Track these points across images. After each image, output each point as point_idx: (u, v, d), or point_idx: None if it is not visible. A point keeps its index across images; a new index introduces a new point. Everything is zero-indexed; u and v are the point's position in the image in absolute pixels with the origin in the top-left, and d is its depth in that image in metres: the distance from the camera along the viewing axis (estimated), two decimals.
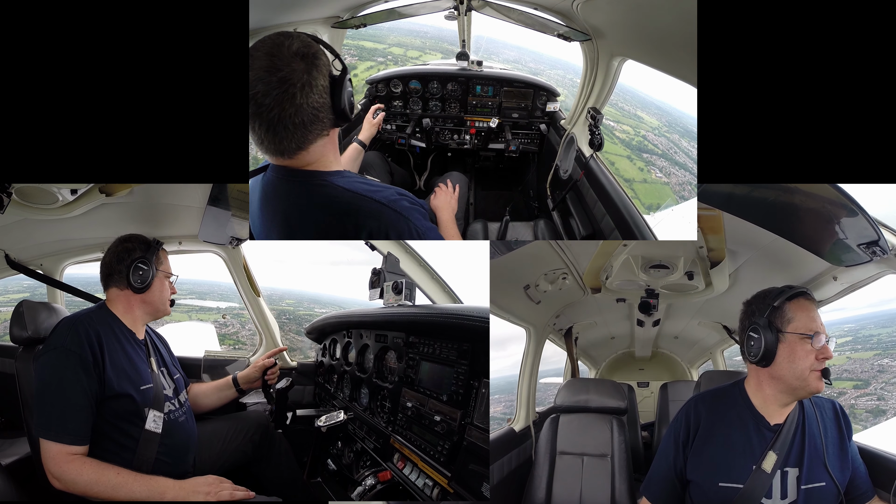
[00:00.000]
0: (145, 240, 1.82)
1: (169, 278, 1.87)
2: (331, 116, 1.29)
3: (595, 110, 2.66)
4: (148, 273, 1.76)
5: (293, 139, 1.24)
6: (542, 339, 3.02)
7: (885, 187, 1.63)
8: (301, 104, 1.22)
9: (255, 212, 1.45)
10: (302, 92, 1.21)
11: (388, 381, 2.04)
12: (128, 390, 1.62)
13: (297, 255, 19.52)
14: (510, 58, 7.22)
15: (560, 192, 2.94)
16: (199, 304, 5.86)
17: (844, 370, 6.26)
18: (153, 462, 1.63)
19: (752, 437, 1.44)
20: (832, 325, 1.45)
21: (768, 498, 1.39)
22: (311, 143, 1.28)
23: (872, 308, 5.97)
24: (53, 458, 1.51)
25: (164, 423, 1.67)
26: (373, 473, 1.79)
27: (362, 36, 7.69)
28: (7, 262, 2.38)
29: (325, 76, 1.26)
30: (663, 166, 5.05)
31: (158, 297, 1.82)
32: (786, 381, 1.41)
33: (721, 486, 1.42)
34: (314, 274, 6.02)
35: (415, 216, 1.33)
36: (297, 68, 1.21)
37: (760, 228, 1.79)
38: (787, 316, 1.42)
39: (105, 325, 1.69)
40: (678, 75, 1.81)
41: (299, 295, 9.24)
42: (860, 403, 5.82)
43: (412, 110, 3.44)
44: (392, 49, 8.35)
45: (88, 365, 1.57)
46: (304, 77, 1.22)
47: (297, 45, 1.23)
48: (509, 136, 3.42)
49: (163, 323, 3.57)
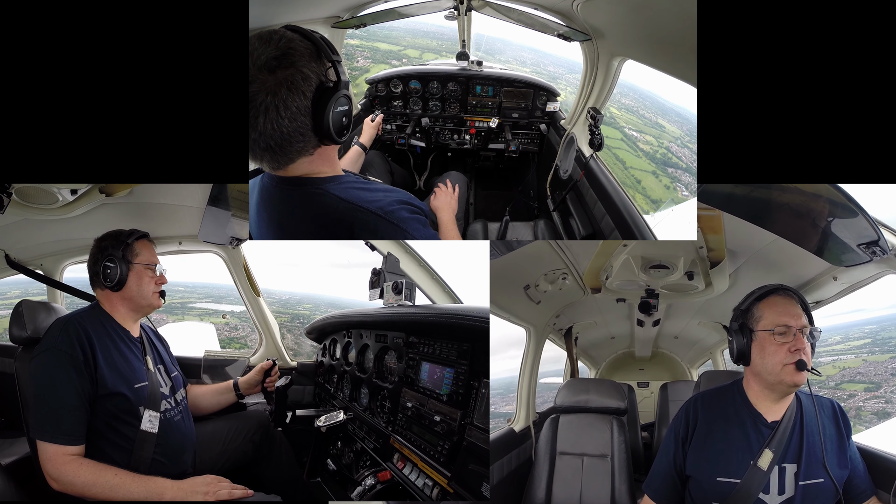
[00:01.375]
0: (118, 234, 1.75)
1: (150, 269, 1.77)
2: (313, 138, 1.16)
3: (595, 110, 2.66)
4: (116, 270, 1.70)
5: (265, 159, 1.16)
6: (542, 339, 3.02)
7: (885, 187, 1.63)
8: (265, 128, 1.09)
9: (254, 214, 1.44)
10: (266, 116, 1.08)
11: (388, 381, 2.04)
12: (121, 388, 1.61)
13: (313, 258, 19.48)
14: (526, 59, 6.89)
15: (560, 192, 2.94)
16: (213, 307, 5.83)
17: (858, 373, 6.25)
18: (150, 462, 1.62)
19: (750, 433, 1.47)
20: (852, 327, 1.47)
21: (766, 493, 1.41)
22: (292, 161, 1.18)
23: (894, 309, 5.91)
24: (50, 460, 1.50)
25: (160, 423, 1.66)
26: (372, 473, 1.79)
27: (377, 37, 7.52)
28: (7, 261, 2.38)
29: (303, 93, 1.10)
30: (689, 182, 4.83)
31: (137, 293, 1.74)
32: (763, 378, 1.46)
33: (719, 480, 1.45)
34: (334, 277, 6.07)
35: (413, 226, 1.26)
36: (260, 88, 1.07)
37: (760, 228, 1.79)
38: (755, 315, 1.48)
39: (97, 324, 1.67)
40: (678, 75, 1.81)
41: (316, 299, 9.21)
42: (868, 406, 5.81)
43: (412, 110, 3.44)
44: (407, 51, 8.11)
45: (80, 364, 1.55)
46: (267, 99, 1.07)
47: (267, 55, 1.08)
48: (509, 136, 3.42)
49: (164, 322, 3.58)
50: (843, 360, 6.55)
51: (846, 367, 6.47)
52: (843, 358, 6.63)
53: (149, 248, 1.80)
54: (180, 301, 8.87)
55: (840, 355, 6.75)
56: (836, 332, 6.88)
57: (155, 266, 1.79)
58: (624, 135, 5.46)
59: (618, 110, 5.60)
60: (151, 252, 1.81)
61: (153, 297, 1.78)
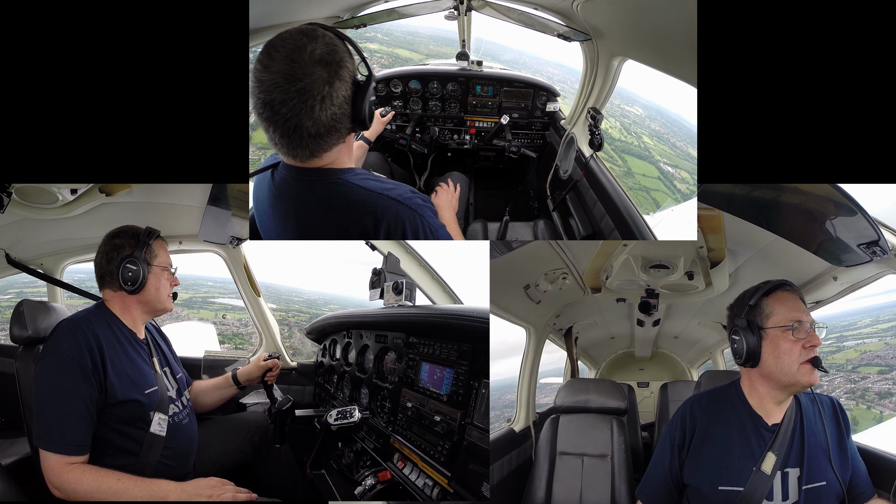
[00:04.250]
0: (136, 232, 1.68)
1: (167, 271, 1.72)
2: (349, 125, 1.25)
3: (595, 110, 2.66)
4: (139, 272, 1.63)
5: (307, 147, 1.22)
6: (542, 339, 3.02)
7: (885, 187, 1.63)
8: (319, 117, 1.18)
9: (265, 210, 1.41)
10: (322, 105, 1.17)
11: (388, 381, 2.04)
12: (133, 396, 1.57)
13: (340, 256, 19.38)
14: (555, 77, 6.13)
15: (560, 192, 2.94)
16: (235, 302, 5.72)
17: (877, 356, 6.15)
18: (156, 465, 1.59)
19: (751, 437, 1.42)
20: (873, 311, 1.43)
21: (769, 500, 1.37)
22: (325, 150, 1.25)
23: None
24: (52, 469, 1.47)
25: (168, 426, 1.63)
26: (373, 473, 1.79)
27: (399, 43, 7.40)
28: (7, 261, 2.38)
29: (347, 84, 1.20)
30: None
31: (155, 296, 1.70)
32: (776, 379, 1.39)
33: (721, 489, 1.39)
34: (360, 276, 6.10)
35: (427, 213, 1.32)
36: (318, 78, 1.16)
37: (760, 228, 1.79)
38: (765, 312, 1.40)
39: (105, 328, 1.62)
40: (678, 75, 1.81)
41: (344, 300, 9.12)
42: (875, 387, 5.76)
43: (412, 110, 3.45)
44: (428, 61, 7.92)
45: (88, 372, 1.51)
46: (324, 89, 1.17)
47: (320, 51, 1.17)
48: (509, 135, 3.42)
49: (166, 321, 3.57)
50: (866, 344, 6.45)
51: (867, 351, 6.39)
52: (867, 341, 6.52)
53: (164, 249, 1.74)
54: (203, 296, 8.85)
55: (865, 339, 6.64)
56: (868, 314, 6.74)
57: (171, 267, 1.74)
58: (660, 171, 5.23)
59: (650, 138, 5.38)
60: (167, 252, 1.75)
61: (168, 299, 1.74)
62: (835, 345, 7.07)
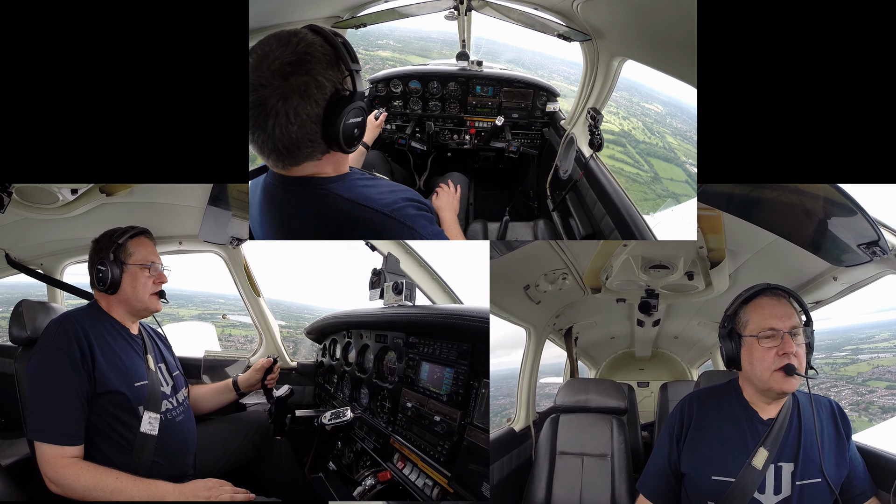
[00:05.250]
0: (111, 234, 1.69)
1: (146, 269, 1.69)
2: (322, 145, 1.14)
3: (595, 110, 2.66)
4: (107, 273, 1.64)
5: (279, 160, 1.15)
6: (542, 339, 3.03)
7: (885, 187, 1.63)
8: (274, 133, 1.08)
9: (256, 214, 1.41)
10: (275, 120, 1.07)
11: (388, 381, 2.04)
12: (119, 387, 1.57)
13: (350, 272, 19.40)
14: (571, 76, 5.72)
15: (560, 192, 2.94)
16: (241, 319, 5.67)
17: (888, 371, 6.16)
18: (149, 465, 1.59)
19: (745, 431, 1.45)
20: (893, 325, 1.43)
21: (762, 492, 1.40)
22: (298, 164, 1.18)
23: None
24: (49, 462, 1.47)
25: (160, 424, 1.63)
26: (373, 473, 1.79)
27: (411, 50, 7.26)
28: (7, 261, 2.38)
29: (315, 101, 1.09)
30: None
31: (133, 295, 1.67)
32: (754, 384, 1.45)
33: (713, 479, 1.43)
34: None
35: (420, 223, 1.25)
36: (272, 93, 1.06)
37: (760, 228, 1.79)
38: (742, 320, 1.46)
39: (96, 321, 1.64)
40: (678, 76, 1.81)
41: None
42: (880, 401, 5.77)
43: (412, 110, 3.45)
44: (428, 61, 7.76)
45: (77, 362, 1.51)
46: (277, 104, 1.06)
47: (283, 59, 1.06)
48: (509, 136, 3.42)
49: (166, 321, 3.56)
50: (880, 358, 6.46)
51: (880, 365, 6.40)
52: (881, 356, 6.53)
53: (145, 246, 1.72)
54: (213, 312, 8.77)
55: (881, 353, 6.63)
56: (888, 328, 6.73)
57: (151, 265, 1.71)
58: (687, 174, 4.76)
59: (673, 138, 5.09)
60: (149, 250, 1.73)
61: (150, 299, 1.71)
62: (849, 357, 7.01)
